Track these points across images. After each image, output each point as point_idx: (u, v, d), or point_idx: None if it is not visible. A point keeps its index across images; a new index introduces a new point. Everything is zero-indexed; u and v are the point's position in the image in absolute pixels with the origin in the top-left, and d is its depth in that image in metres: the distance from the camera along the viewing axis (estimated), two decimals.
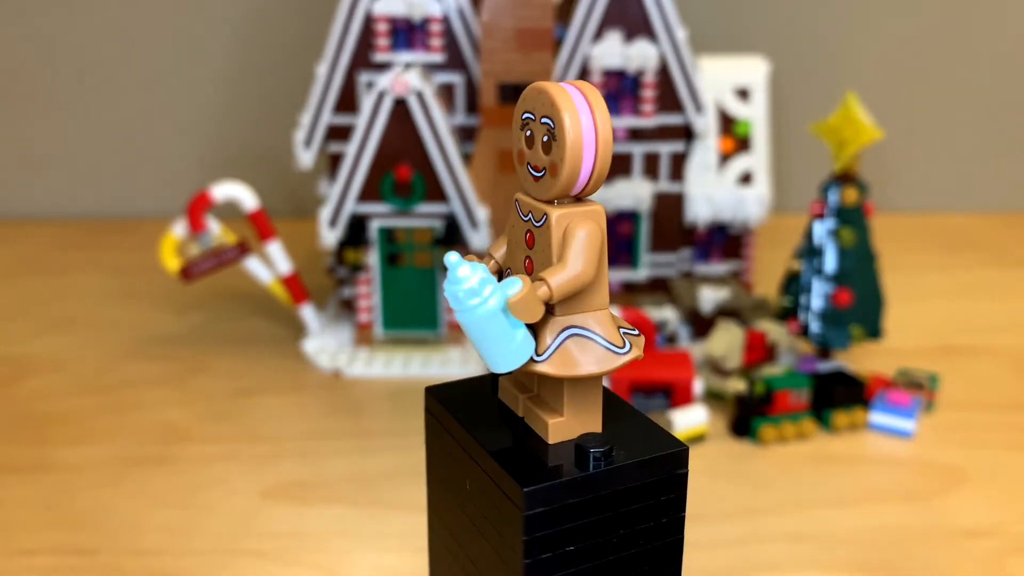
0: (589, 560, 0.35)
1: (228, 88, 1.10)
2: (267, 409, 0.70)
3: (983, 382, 0.74)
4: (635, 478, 0.35)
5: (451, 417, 0.38)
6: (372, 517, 0.57)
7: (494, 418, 0.38)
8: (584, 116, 0.33)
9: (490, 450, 0.35)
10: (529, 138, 0.34)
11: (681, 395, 0.67)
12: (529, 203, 0.35)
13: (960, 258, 1.01)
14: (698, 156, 0.82)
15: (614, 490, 0.34)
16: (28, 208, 1.13)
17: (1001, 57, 1.11)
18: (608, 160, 0.34)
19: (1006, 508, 0.59)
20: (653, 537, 0.36)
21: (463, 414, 0.38)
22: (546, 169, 0.34)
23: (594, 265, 0.34)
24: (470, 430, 0.37)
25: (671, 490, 0.35)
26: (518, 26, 0.72)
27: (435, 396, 0.39)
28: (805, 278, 0.71)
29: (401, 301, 0.77)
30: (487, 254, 0.38)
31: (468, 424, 0.37)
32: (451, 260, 0.31)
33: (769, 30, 1.08)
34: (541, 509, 0.33)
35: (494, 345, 0.32)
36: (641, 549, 0.36)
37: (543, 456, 0.35)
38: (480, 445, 0.36)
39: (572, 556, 0.34)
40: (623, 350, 0.35)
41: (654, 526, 0.36)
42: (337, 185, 0.73)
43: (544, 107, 0.33)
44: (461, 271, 0.31)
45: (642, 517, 0.35)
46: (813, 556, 0.54)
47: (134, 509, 0.58)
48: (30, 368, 0.76)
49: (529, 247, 0.35)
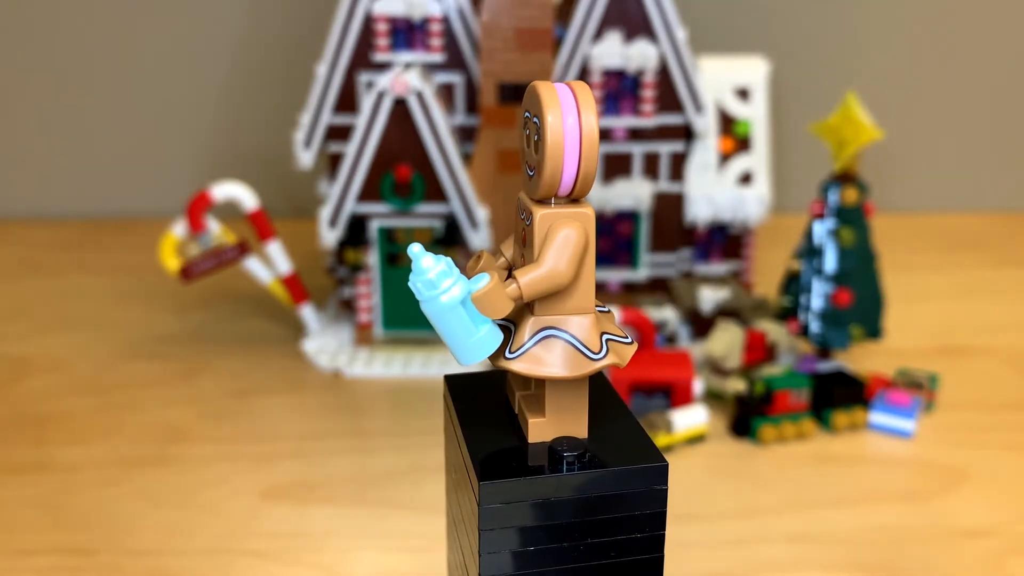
0: (551, 564, 0.34)
1: (228, 88, 1.10)
2: (267, 409, 0.70)
3: (983, 382, 0.74)
4: (606, 487, 0.34)
5: (453, 407, 0.38)
6: (372, 517, 0.57)
7: (494, 413, 0.38)
8: (569, 116, 0.33)
9: (468, 441, 0.35)
10: (527, 137, 0.34)
11: (681, 395, 0.67)
12: (524, 202, 0.35)
13: (960, 258, 1.01)
14: (698, 156, 0.82)
15: (583, 496, 0.34)
16: (28, 208, 1.13)
17: (1001, 57, 1.11)
18: (594, 160, 0.33)
19: (1006, 508, 0.59)
20: (627, 551, 0.35)
21: (464, 405, 0.38)
22: (533, 169, 0.34)
23: (573, 266, 0.33)
24: (461, 420, 0.37)
25: (648, 505, 0.34)
26: (518, 26, 0.72)
27: (449, 385, 0.40)
28: (805, 278, 0.71)
29: (401, 301, 0.77)
30: (498, 251, 0.38)
31: (463, 415, 0.37)
32: (414, 251, 0.32)
33: (769, 30, 1.08)
34: (499, 504, 0.33)
35: (455, 337, 0.33)
36: (613, 562, 0.35)
37: (517, 453, 0.35)
38: (464, 436, 0.36)
39: (532, 557, 0.34)
40: (598, 355, 0.34)
41: (628, 540, 0.35)
42: (337, 185, 0.73)
43: (533, 106, 0.34)
44: (424, 262, 0.32)
45: (614, 529, 0.35)
46: (813, 556, 0.54)
47: (134, 509, 0.58)
48: (30, 368, 0.76)
49: (523, 245, 0.35)
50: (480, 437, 0.36)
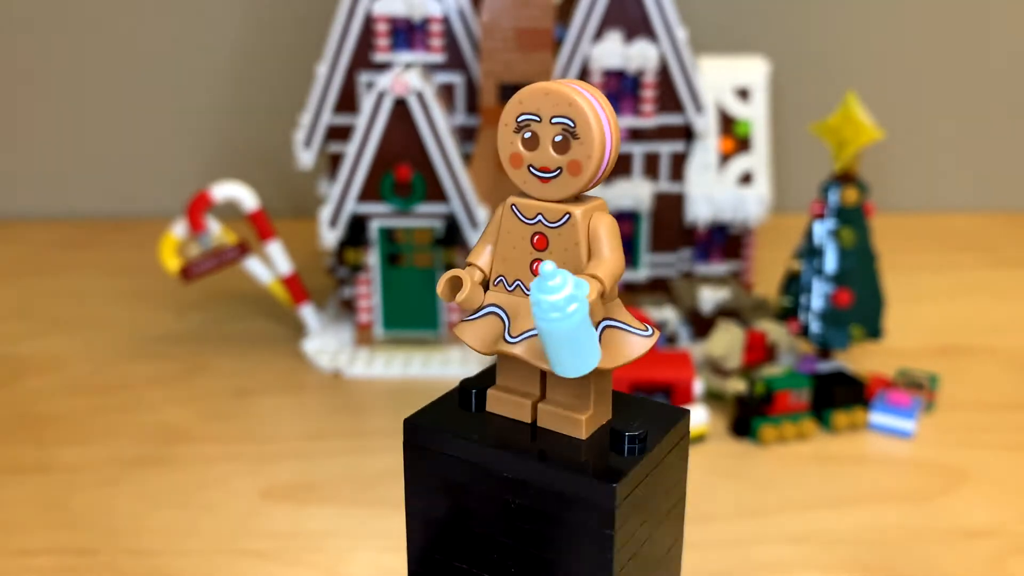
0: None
1: (228, 88, 1.10)
2: (267, 409, 0.70)
3: (983, 382, 0.74)
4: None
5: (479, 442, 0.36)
6: (372, 517, 0.57)
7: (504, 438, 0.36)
8: (601, 113, 0.34)
9: (549, 461, 0.35)
10: (529, 140, 0.34)
11: (681, 395, 0.67)
12: (537, 205, 0.35)
13: (960, 258, 1.01)
14: (698, 156, 0.82)
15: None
16: (28, 208, 1.13)
17: (1001, 57, 1.11)
18: (616, 156, 0.34)
19: (1006, 508, 0.59)
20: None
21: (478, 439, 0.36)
22: (561, 169, 0.34)
23: (623, 254, 0.34)
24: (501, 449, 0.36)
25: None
26: (518, 26, 0.72)
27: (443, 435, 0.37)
28: (805, 278, 0.71)
29: (401, 301, 0.77)
30: (468, 264, 0.36)
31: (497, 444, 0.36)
32: (547, 270, 0.30)
33: (769, 30, 1.08)
34: (627, 496, 0.34)
35: (581, 349, 0.32)
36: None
37: (590, 451, 0.35)
38: (543, 459, 0.35)
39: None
40: (647, 333, 0.35)
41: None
42: (337, 185, 0.73)
43: (558, 107, 0.33)
44: (557, 280, 0.30)
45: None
46: (813, 556, 0.54)
47: (134, 509, 0.58)
48: (30, 368, 0.76)
49: (540, 249, 0.35)
50: (551, 456, 0.35)
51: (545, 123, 0.33)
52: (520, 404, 0.37)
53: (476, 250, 0.36)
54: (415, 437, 0.37)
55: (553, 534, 0.34)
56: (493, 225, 0.36)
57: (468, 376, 0.42)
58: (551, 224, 0.34)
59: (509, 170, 0.35)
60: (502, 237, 0.36)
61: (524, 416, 0.37)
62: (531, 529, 0.35)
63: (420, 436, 0.37)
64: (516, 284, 0.36)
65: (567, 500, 0.34)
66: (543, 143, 0.34)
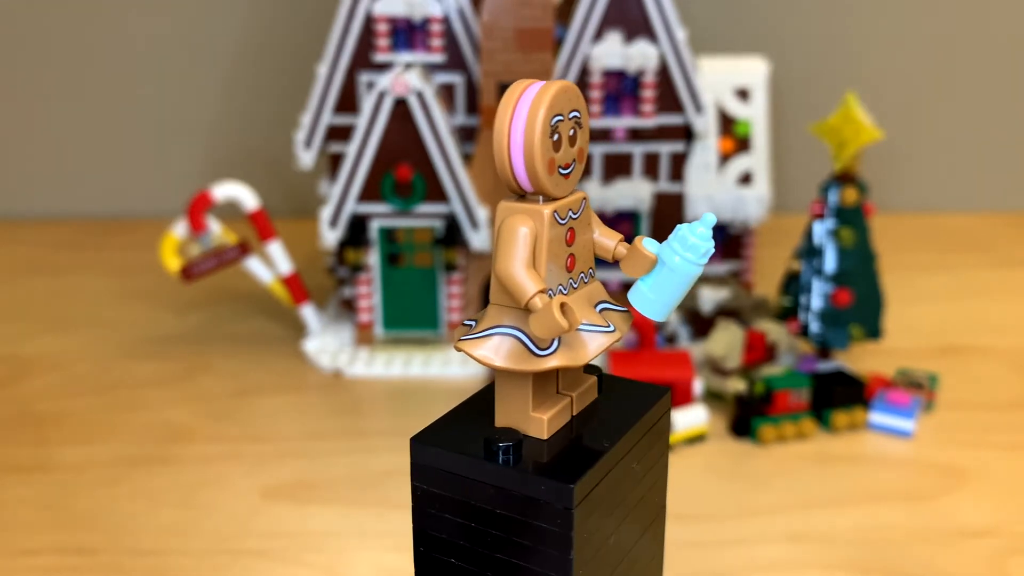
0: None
1: (228, 88, 1.10)
2: (267, 409, 0.70)
3: (983, 382, 0.74)
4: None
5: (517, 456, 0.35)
6: (372, 517, 0.57)
7: None
8: None
9: None
10: (556, 141, 0.33)
11: (681, 395, 0.67)
12: (565, 204, 0.34)
13: (960, 258, 1.01)
14: (698, 156, 0.82)
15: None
16: (28, 208, 1.13)
17: (1001, 57, 1.11)
18: None
19: (1006, 508, 0.59)
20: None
21: None
22: (575, 160, 0.34)
23: None
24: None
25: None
26: (518, 26, 0.72)
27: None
28: (805, 278, 0.71)
29: (402, 301, 0.77)
30: (541, 291, 0.33)
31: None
32: (712, 218, 0.34)
33: (769, 30, 1.08)
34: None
35: (677, 297, 0.35)
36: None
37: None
38: None
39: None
40: (609, 329, 0.36)
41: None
42: (337, 185, 0.74)
43: (574, 101, 0.34)
44: (709, 235, 0.34)
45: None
46: (813, 556, 0.54)
47: (134, 509, 0.58)
48: (30, 368, 0.76)
49: (570, 245, 0.35)
50: None
51: (566, 120, 0.33)
52: (539, 421, 0.35)
53: (534, 276, 0.33)
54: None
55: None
56: (525, 245, 0.33)
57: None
58: (576, 215, 0.35)
59: (544, 178, 0.33)
60: (550, 248, 0.34)
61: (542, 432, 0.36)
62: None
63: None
64: (558, 290, 0.34)
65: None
66: (564, 141, 0.33)
